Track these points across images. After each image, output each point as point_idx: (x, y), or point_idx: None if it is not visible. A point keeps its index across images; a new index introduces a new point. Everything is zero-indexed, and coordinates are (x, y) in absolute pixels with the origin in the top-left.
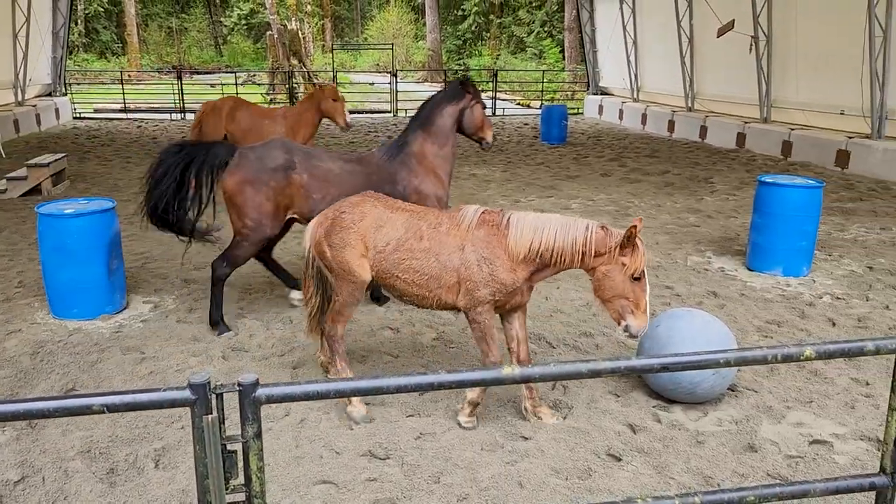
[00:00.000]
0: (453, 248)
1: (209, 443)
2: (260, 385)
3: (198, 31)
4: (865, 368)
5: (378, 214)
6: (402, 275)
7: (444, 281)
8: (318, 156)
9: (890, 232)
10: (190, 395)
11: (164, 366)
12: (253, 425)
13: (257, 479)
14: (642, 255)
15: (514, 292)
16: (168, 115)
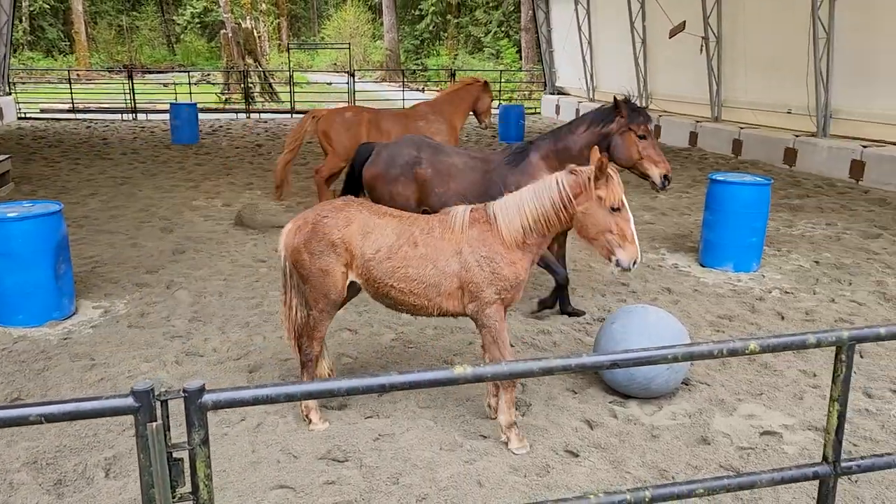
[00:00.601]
0: (450, 253)
1: (154, 451)
2: (206, 391)
3: (149, 30)
4: (813, 360)
5: (364, 220)
6: (397, 284)
7: (443, 288)
8: (445, 151)
9: (835, 227)
10: (133, 403)
11: (115, 372)
12: (199, 432)
13: (205, 486)
14: (617, 183)
15: (519, 286)
16: (119, 116)
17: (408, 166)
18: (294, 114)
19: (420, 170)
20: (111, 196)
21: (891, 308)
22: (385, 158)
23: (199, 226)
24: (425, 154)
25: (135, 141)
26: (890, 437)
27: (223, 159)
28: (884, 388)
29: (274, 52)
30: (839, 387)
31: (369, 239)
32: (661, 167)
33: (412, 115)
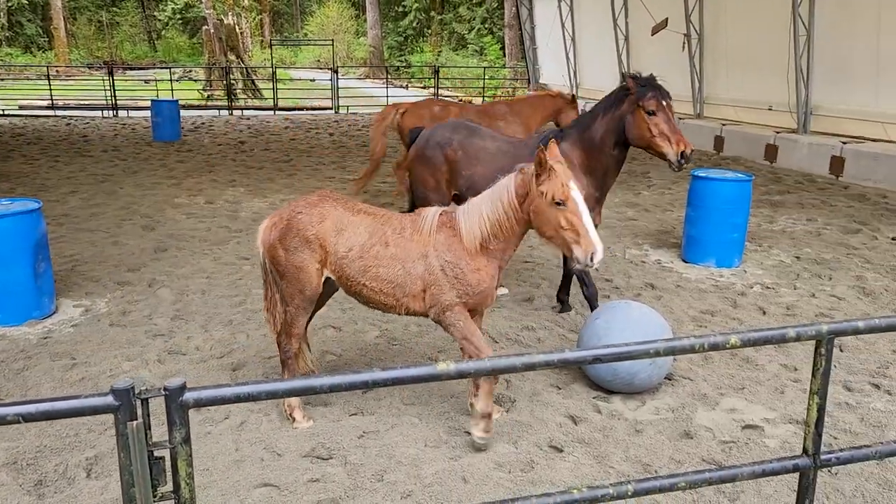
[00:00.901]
0: (417, 256)
1: (134, 450)
2: (188, 389)
3: (130, 26)
4: (794, 355)
5: (339, 217)
6: (368, 282)
7: (409, 289)
8: (481, 134)
9: (815, 223)
10: (113, 402)
11: (96, 371)
12: (181, 430)
13: (186, 485)
14: (559, 177)
15: (484, 294)
16: (100, 113)
17: (439, 147)
18: (277, 111)
19: (450, 151)
20: (92, 194)
21: (870, 302)
22: (422, 140)
23: (181, 223)
24: (458, 136)
25: (115, 138)
26: (869, 429)
27: (205, 156)
28: (863, 382)
29: (256, 49)
30: (819, 380)
31: (343, 236)
32: (677, 144)
33: (492, 113)
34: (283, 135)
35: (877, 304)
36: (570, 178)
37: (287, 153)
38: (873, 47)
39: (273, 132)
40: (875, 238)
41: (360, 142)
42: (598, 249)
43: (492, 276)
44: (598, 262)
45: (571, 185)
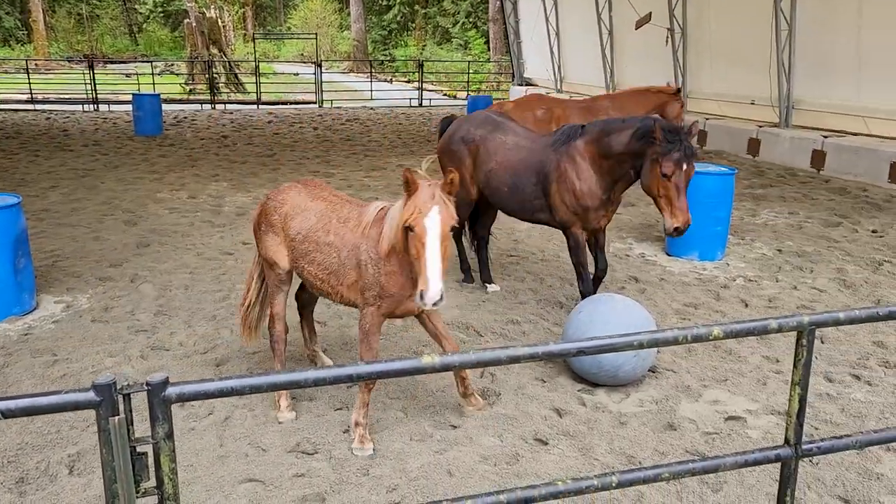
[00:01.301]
0: (352, 246)
1: (116, 446)
2: (170, 384)
3: (111, 19)
4: (775, 346)
5: (298, 202)
6: (308, 266)
7: (343, 278)
8: (504, 128)
9: (797, 216)
10: (94, 397)
11: (78, 368)
12: (163, 426)
13: (170, 480)
14: (416, 200)
15: (394, 300)
16: (80, 107)
17: (462, 142)
18: (260, 105)
19: (472, 146)
20: (72, 189)
21: (850, 294)
22: (448, 133)
23: (163, 218)
24: (481, 131)
25: (96, 132)
26: (850, 419)
27: (188, 151)
28: (844, 373)
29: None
30: (800, 371)
31: (296, 220)
32: (675, 216)
33: (595, 108)
34: (267, 129)
35: (857, 296)
36: (432, 204)
37: (270, 147)
38: (854, 42)
39: (256, 126)
40: (855, 231)
41: (345, 136)
42: (431, 289)
43: (401, 285)
44: (430, 302)
45: (429, 212)
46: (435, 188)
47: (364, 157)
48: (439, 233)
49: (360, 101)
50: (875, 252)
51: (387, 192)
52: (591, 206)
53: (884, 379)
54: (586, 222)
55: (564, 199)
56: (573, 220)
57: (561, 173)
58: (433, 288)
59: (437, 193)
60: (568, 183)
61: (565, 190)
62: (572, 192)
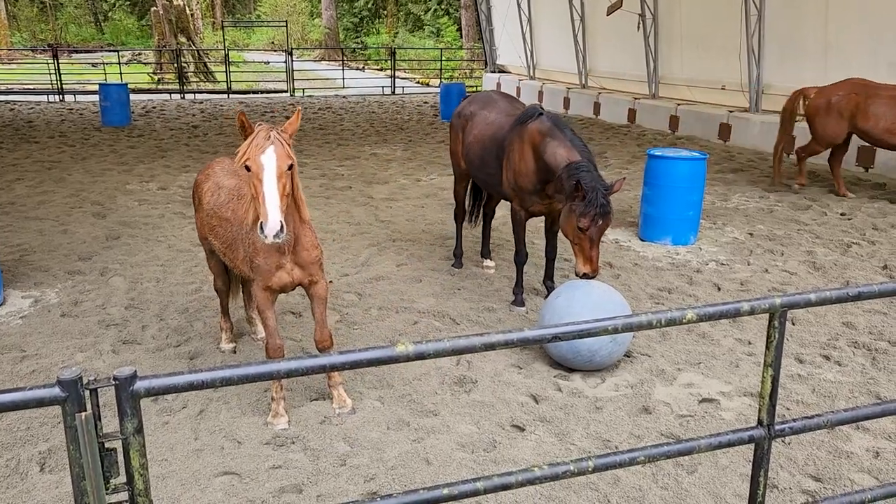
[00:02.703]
0: (240, 222)
1: (84, 442)
2: (139, 377)
3: (75, 7)
4: (747, 329)
5: (218, 179)
6: (213, 240)
7: (237, 253)
8: (495, 106)
9: (768, 200)
10: (60, 393)
11: (48, 363)
12: (132, 420)
13: (140, 476)
14: (255, 140)
15: (261, 271)
16: (45, 97)
17: (458, 117)
18: (231, 94)
19: (463, 120)
20: (39, 181)
21: (820, 276)
22: (455, 111)
23: (133, 210)
24: (475, 107)
25: (63, 123)
26: (820, 399)
27: (157, 141)
28: (814, 354)
29: (208, 31)
30: (772, 352)
31: (211, 196)
32: (586, 266)
33: None
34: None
35: (826, 278)
36: (268, 144)
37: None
38: (821, 26)
39: (227, 116)
40: (824, 214)
41: (317, 125)
42: (270, 219)
43: (264, 251)
44: (271, 233)
45: (266, 151)
46: (271, 130)
47: (337, 145)
48: (275, 168)
49: (333, 89)
50: (843, 234)
51: (360, 180)
52: (524, 188)
53: (853, 359)
54: (523, 202)
55: (507, 175)
56: (512, 196)
57: (509, 150)
58: (272, 219)
59: (274, 135)
60: (511, 160)
61: (508, 167)
62: (512, 169)
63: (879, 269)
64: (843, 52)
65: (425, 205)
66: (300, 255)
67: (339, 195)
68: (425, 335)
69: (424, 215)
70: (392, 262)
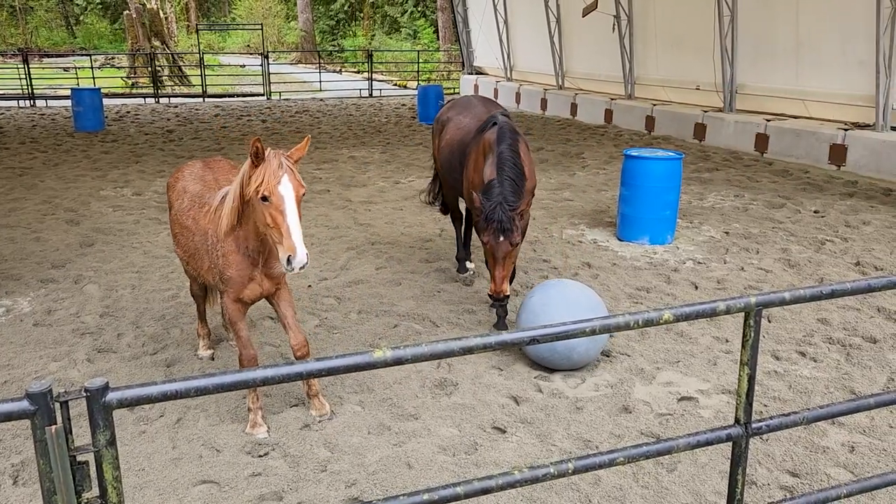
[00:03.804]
0: (203, 232)
1: (55, 456)
2: (111, 388)
3: (46, 11)
4: (724, 327)
5: (185, 184)
6: (176, 248)
7: (201, 262)
8: (470, 111)
9: (743, 199)
10: (29, 406)
11: (20, 374)
12: (105, 433)
13: (113, 489)
14: (268, 169)
15: (232, 283)
16: (16, 103)
17: (437, 122)
18: (206, 97)
19: (438, 126)
20: (9, 188)
21: (795, 273)
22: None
23: (107, 216)
24: (453, 112)
25: (34, 129)
26: (797, 396)
27: (131, 146)
28: (790, 350)
29: (182, 34)
30: (748, 351)
31: (177, 200)
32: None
33: None
34: (214, 122)
35: (801, 275)
36: (282, 172)
37: (218, 141)
38: (792, 26)
39: (202, 120)
40: (798, 212)
41: (294, 128)
42: (299, 253)
43: (235, 264)
44: (298, 265)
45: (282, 181)
46: (281, 157)
47: (314, 149)
48: (294, 199)
49: (309, 92)
50: (817, 232)
51: (338, 184)
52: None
53: (828, 355)
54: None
55: (465, 182)
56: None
57: (468, 158)
58: (300, 252)
59: (284, 161)
60: (467, 169)
61: (465, 174)
62: (468, 178)
63: (852, 265)
64: (815, 52)
65: (404, 207)
66: (270, 264)
67: (317, 198)
68: (405, 338)
69: (403, 218)
70: (371, 265)
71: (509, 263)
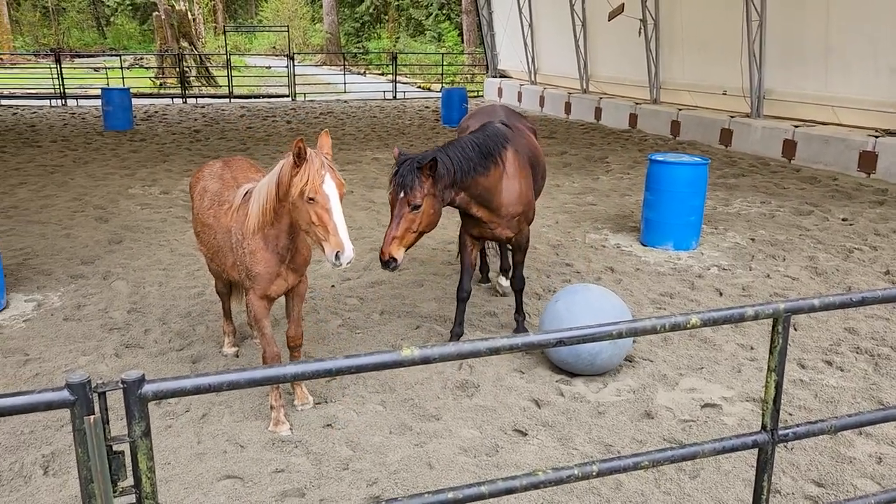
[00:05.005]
0: (225, 230)
1: (92, 445)
2: (146, 381)
3: (77, 12)
4: (749, 334)
5: (206, 183)
6: (200, 245)
7: (225, 260)
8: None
9: (769, 205)
10: (69, 396)
11: (51, 367)
12: (140, 424)
13: (147, 479)
14: (312, 169)
15: (258, 279)
16: (48, 102)
17: (458, 129)
18: (233, 98)
19: (458, 133)
20: (41, 185)
21: (822, 282)
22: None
23: (136, 214)
24: (472, 120)
25: (65, 128)
26: (822, 405)
27: (159, 146)
28: (817, 359)
29: (210, 35)
30: (776, 357)
31: (198, 199)
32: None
33: None
34: (239, 123)
35: (828, 284)
36: (324, 171)
37: (243, 141)
38: (822, 32)
39: (228, 120)
40: (826, 219)
41: (318, 129)
42: (347, 248)
43: (264, 261)
44: (346, 261)
45: (325, 180)
46: (322, 156)
47: (339, 150)
48: (338, 197)
49: (334, 94)
50: (846, 240)
51: (362, 185)
52: None
53: (855, 364)
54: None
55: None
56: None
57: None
58: (348, 247)
59: (325, 161)
60: None
61: None
62: None
63: (882, 274)
64: (845, 57)
65: None
66: (296, 260)
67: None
68: (427, 340)
69: None
70: None
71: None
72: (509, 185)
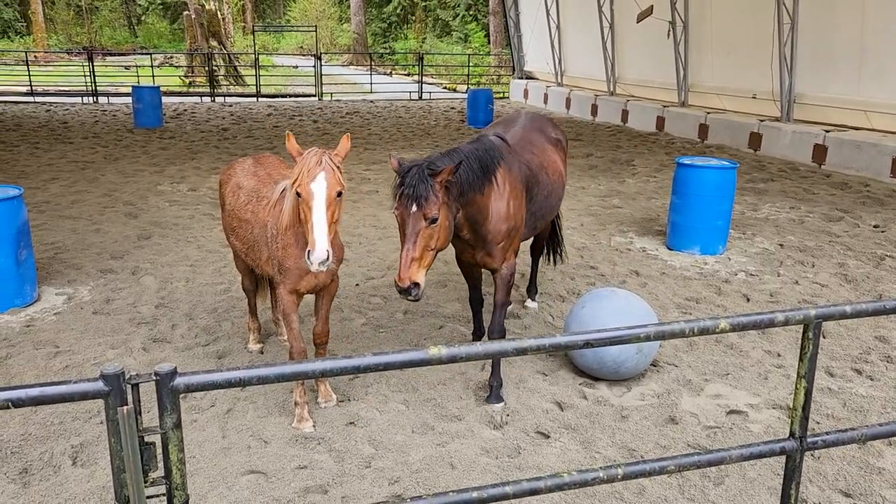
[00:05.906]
0: (262, 224)
1: (125, 435)
2: (178, 374)
3: (110, 11)
4: (777, 341)
5: (238, 179)
6: (234, 240)
7: (259, 254)
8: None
9: (798, 211)
10: (103, 387)
11: (81, 359)
12: (171, 416)
13: (178, 470)
14: (302, 166)
15: (290, 274)
16: (80, 99)
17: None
18: (260, 97)
19: None
20: (73, 181)
21: (852, 289)
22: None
23: (164, 211)
24: (500, 128)
25: (96, 125)
26: (851, 414)
27: (188, 143)
28: (845, 367)
29: (238, 35)
30: (806, 364)
31: (232, 197)
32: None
33: None
34: (266, 122)
35: (858, 291)
36: (319, 170)
37: (270, 140)
38: (856, 35)
39: (256, 119)
40: (857, 226)
41: (344, 129)
42: (317, 248)
43: (293, 256)
44: (316, 261)
45: (316, 178)
46: (323, 154)
47: (364, 150)
48: (325, 196)
49: (360, 94)
50: (877, 247)
51: (387, 185)
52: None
53: (885, 373)
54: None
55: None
56: None
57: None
58: (319, 248)
59: (325, 160)
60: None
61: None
62: None
63: None
64: (879, 61)
65: None
66: None
67: (365, 199)
68: (450, 340)
69: None
70: None
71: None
72: (498, 208)
